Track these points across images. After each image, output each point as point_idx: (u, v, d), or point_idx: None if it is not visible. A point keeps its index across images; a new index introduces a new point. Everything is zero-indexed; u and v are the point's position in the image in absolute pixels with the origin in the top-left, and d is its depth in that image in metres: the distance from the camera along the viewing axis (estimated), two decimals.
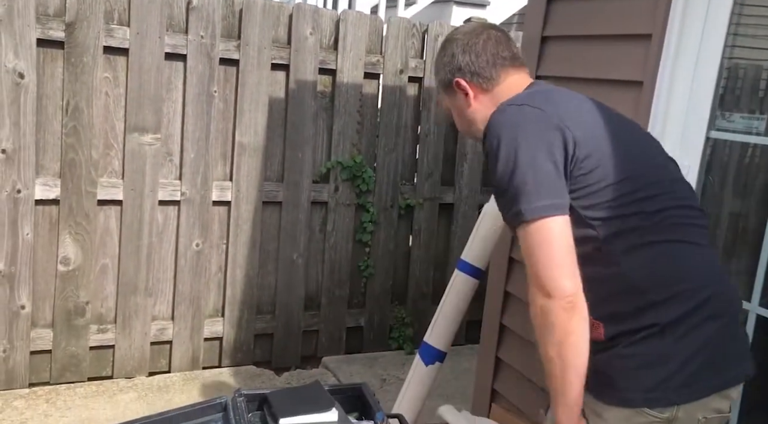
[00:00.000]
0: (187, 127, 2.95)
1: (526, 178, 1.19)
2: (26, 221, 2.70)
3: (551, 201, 1.18)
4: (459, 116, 1.47)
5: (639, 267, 1.23)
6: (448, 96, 1.47)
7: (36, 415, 2.61)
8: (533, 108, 1.26)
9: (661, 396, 1.21)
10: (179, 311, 3.05)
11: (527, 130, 1.23)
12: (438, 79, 1.48)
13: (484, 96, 1.41)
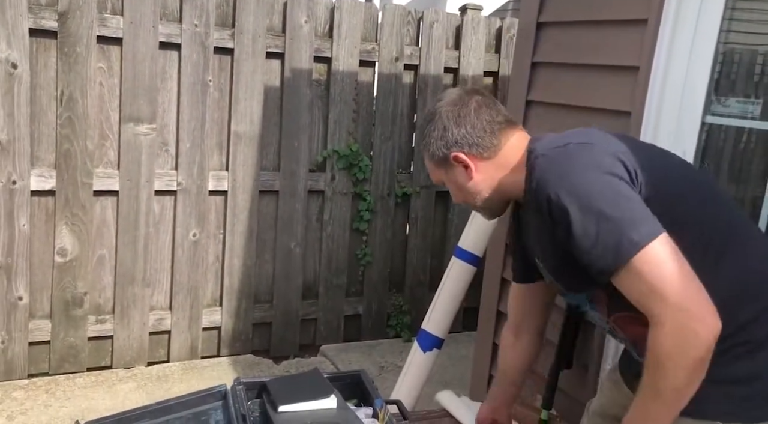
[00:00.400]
0: (183, 117, 2.94)
1: (615, 213, 1.08)
2: (22, 212, 2.70)
3: (650, 221, 1.09)
4: (458, 190, 1.38)
5: (728, 284, 1.16)
6: (443, 170, 1.37)
7: (36, 405, 2.62)
8: (577, 144, 1.18)
9: (741, 413, 1.16)
10: (177, 301, 3.06)
11: (586, 166, 1.13)
12: (428, 153, 1.37)
13: (485, 164, 1.33)
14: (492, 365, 2.25)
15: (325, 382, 1.66)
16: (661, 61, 1.74)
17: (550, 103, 2.11)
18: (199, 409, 1.68)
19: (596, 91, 1.93)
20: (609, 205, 1.09)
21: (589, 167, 1.14)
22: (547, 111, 2.13)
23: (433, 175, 1.42)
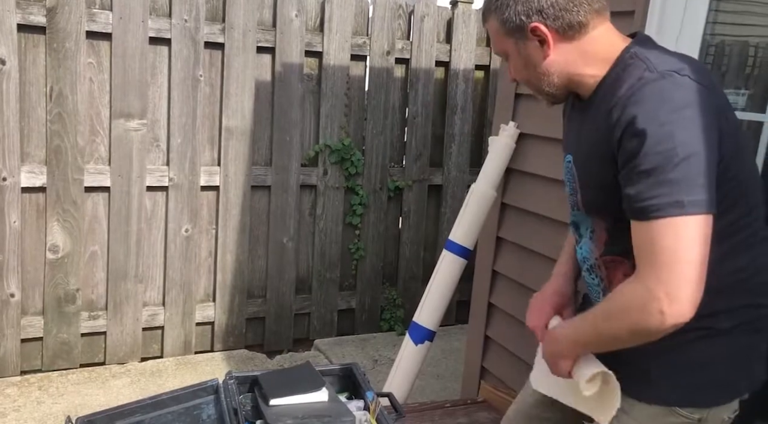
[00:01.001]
0: (174, 112, 2.94)
1: (682, 170, 1.01)
2: (13, 208, 2.69)
3: (708, 194, 1.02)
4: (525, 67, 1.21)
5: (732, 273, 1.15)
6: (513, 40, 1.18)
7: (29, 402, 2.62)
8: (693, 81, 1.06)
9: (699, 398, 1.17)
10: (170, 296, 3.06)
11: (688, 110, 1.03)
12: (500, 17, 1.17)
13: (565, 46, 1.16)
14: (484, 357, 2.26)
15: (316, 375, 1.67)
16: None
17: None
18: (191, 403, 1.69)
19: None
20: (683, 158, 1.01)
21: (690, 115, 1.03)
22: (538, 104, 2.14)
23: (497, 44, 1.22)
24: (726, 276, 1.13)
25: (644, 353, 1.12)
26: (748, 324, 1.18)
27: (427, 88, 3.49)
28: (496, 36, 1.22)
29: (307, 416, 1.51)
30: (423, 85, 3.47)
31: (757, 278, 1.18)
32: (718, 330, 1.16)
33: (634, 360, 1.17)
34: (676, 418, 1.17)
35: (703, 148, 1.02)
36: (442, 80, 3.56)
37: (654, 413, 1.18)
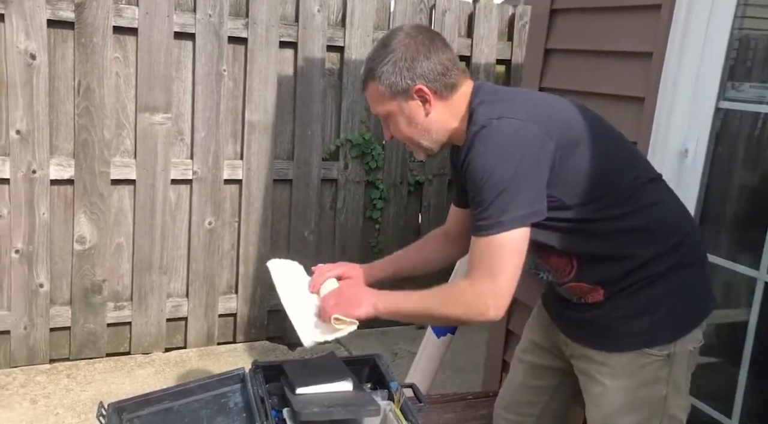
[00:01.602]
0: (198, 106, 2.97)
1: (509, 194, 1.25)
2: (42, 200, 2.75)
3: (525, 209, 1.26)
4: (409, 125, 1.38)
5: (627, 234, 1.35)
6: (396, 102, 1.35)
7: (58, 389, 2.68)
8: (507, 120, 1.28)
9: (659, 336, 1.34)
10: (194, 288, 3.11)
11: (505, 146, 1.27)
12: (385, 82, 1.33)
13: (441, 103, 1.35)
14: (506, 351, 2.27)
15: (341, 365, 1.69)
16: (675, 47, 1.74)
17: (564, 89, 2.11)
18: (218, 392, 1.72)
19: (610, 78, 1.94)
20: (503, 188, 1.25)
21: (509, 151, 1.27)
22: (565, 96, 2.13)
23: (380, 106, 1.38)
24: (634, 237, 1.34)
25: (602, 315, 1.37)
26: (676, 263, 1.35)
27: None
28: (379, 99, 1.38)
29: (333, 404, 1.53)
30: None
31: (660, 228, 1.36)
32: (655, 276, 1.34)
33: (600, 323, 1.38)
34: (647, 358, 1.34)
35: (522, 175, 1.25)
36: None
37: (627, 360, 1.35)
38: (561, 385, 1.60)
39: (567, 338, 1.49)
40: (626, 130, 1.49)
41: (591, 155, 1.32)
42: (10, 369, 2.78)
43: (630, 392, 1.36)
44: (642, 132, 1.78)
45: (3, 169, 2.66)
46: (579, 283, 1.40)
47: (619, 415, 1.37)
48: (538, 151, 1.26)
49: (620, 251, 1.35)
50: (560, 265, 1.40)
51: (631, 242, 1.35)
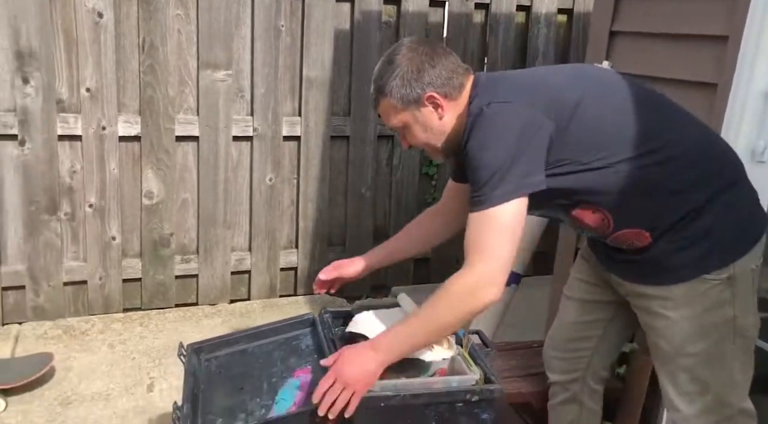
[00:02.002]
0: (257, 63, 3.00)
1: (503, 172, 1.30)
2: (112, 156, 2.85)
3: (517, 181, 1.30)
4: (424, 131, 1.45)
5: (666, 176, 1.36)
6: (410, 112, 1.42)
7: (132, 336, 2.83)
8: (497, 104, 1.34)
9: (715, 261, 1.36)
10: (256, 242, 3.19)
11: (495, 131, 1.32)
12: (396, 96, 1.40)
13: (451, 105, 1.42)
14: None
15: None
16: (753, 30, 1.63)
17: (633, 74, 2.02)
18: (289, 335, 1.79)
19: (680, 61, 1.84)
20: (497, 168, 1.30)
21: (496, 129, 1.33)
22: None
23: (394, 119, 1.45)
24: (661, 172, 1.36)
25: (653, 254, 1.39)
26: (718, 188, 1.37)
27: (508, 34, 3.40)
28: (393, 112, 1.44)
29: None
30: (503, 30, 3.38)
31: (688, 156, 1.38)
32: (700, 208, 1.35)
33: (653, 261, 1.40)
34: (707, 284, 1.36)
35: (513, 151, 1.30)
36: (522, 25, 3.47)
37: (687, 290, 1.37)
38: (615, 318, 1.63)
39: (620, 279, 1.51)
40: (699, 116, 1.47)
41: (596, 111, 1.36)
42: (88, 317, 2.94)
43: (696, 319, 1.38)
44: (714, 119, 1.70)
45: (75, 126, 2.76)
46: (621, 231, 1.41)
47: (689, 343, 1.39)
48: (528, 127, 1.32)
49: (650, 190, 1.36)
50: (596, 221, 1.42)
51: (662, 179, 1.36)
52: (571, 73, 1.50)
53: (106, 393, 2.39)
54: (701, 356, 1.39)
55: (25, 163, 2.72)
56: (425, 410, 1.48)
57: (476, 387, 1.49)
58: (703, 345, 1.39)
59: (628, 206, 1.38)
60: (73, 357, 2.61)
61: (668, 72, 1.88)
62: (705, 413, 1.41)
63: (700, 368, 1.40)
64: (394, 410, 1.46)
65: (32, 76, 2.66)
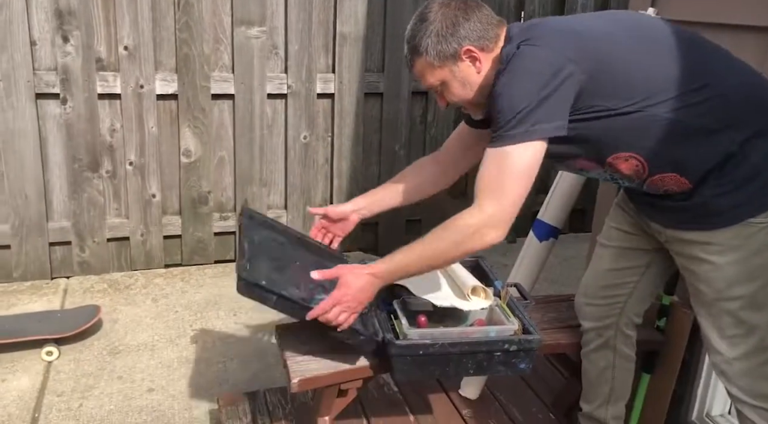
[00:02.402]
0: (290, 19, 2.98)
1: (525, 113, 1.28)
2: (150, 114, 2.89)
3: (536, 122, 1.28)
4: (464, 87, 1.43)
5: (702, 116, 1.33)
6: (447, 68, 1.41)
7: (174, 291, 2.91)
8: (525, 46, 1.32)
9: (761, 203, 1.33)
10: (292, 200, 3.22)
11: (521, 74, 1.30)
12: (432, 53, 1.39)
13: (488, 57, 1.40)
14: None
15: None
16: None
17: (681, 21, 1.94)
18: None
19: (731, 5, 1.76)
20: (520, 109, 1.29)
21: (522, 72, 1.31)
22: None
23: (432, 77, 1.44)
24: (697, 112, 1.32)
25: (695, 200, 1.37)
26: (759, 131, 1.33)
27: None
28: (430, 70, 1.43)
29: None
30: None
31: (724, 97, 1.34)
32: (740, 153, 1.33)
33: (695, 207, 1.38)
34: (753, 227, 1.34)
35: (537, 94, 1.28)
36: None
37: (732, 234, 1.35)
38: (651, 265, 1.62)
39: (659, 226, 1.49)
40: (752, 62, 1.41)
41: (630, 57, 1.34)
42: (131, 272, 3.04)
43: (742, 263, 1.36)
44: None
45: (114, 84, 2.80)
46: (657, 176, 1.39)
47: (733, 287, 1.38)
48: (555, 71, 1.29)
49: (685, 132, 1.33)
50: (630, 168, 1.40)
51: (698, 120, 1.32)
52: (605, 19, 1.46)
53: (152, 344, 2.49)
54: (747, 298, 1.38)
55: (68, 122, 2.78)
56: (463, 358, 1.51)
57: (515, 337, 1.51)
58: (750, 288, 1.37)
59: (662, 150, 1.35)
60: (118, 310, 2.71)
61: (718, 17, 1.80)
62: (749, 355, 1.40)
63: (746, 311, 1.38)
64: (433, 358, 1.49)
65: (72, 34, 2.69)
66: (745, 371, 1.41)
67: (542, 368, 2.19)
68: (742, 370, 1.41)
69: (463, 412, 1.98)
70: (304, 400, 1.95)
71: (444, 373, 1.54)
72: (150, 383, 2.25)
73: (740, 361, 1.41)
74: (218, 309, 2.77)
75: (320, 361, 1.57)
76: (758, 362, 1.40)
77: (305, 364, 1.56)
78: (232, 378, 2.29)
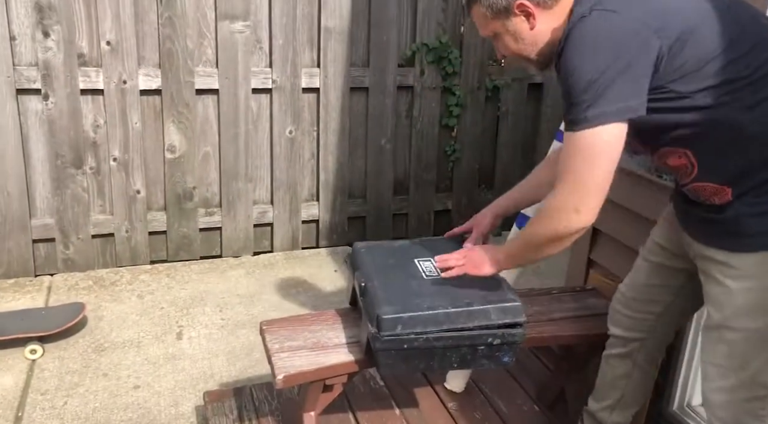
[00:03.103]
0: (275, 13, 2.96)
1: (597, 88, 1.20)
2: (134, 110, 2.87)
3: (614, 104, 1.20)
4: (515, 41, 1.37)
5: (752, 124, 1.24)
6: (500, 21, 1.35)
7: (160, 287, 2.90)
8: (600, 12, 1.22)
9: None
10: (278, 195, 3.22)
11: (594, 43, 1.21)
12: (485, 4, 1.33)
13: (545, 14, 1.31)
14: (591, 249, 2.26)
15: None
16: None
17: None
18: None
19: None
20: (588, 82, 1.20)
21: (596, 40, 1.22)
22: None
23: (485, 27, 1.39)
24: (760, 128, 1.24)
25: (731, 215, 1.28)
26: None
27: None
28: (483, 21, 1.38)
29: None
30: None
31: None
32: None
33: (728, 223, 1.30)
34: None
35: (613, 68, 1.18)
36: None
37: (756, 261, 1.27)
38: (686, 286, 1.55)
39: (690, 237, 1.42)
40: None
41: (709, 42, 1.22)
42: (117, 268, 3.02)
43: (757, 294, 1.28)
44: None
45: (97, 79, 2.78)
46: (703, 183, 1.32)
47: (740, 317, 1.30)
48: (635, 44, 1.19)
49: (744, 144, 1.25)
50: (679, 165, 1.33)
51: (758, 134, 1.24)
52: None
53: (138, 341, 2.48)
54: (750, 332, 1.30)
55: (50, 118, 2.75)
56: (447, 352, 1.51)
57: (498, 331, 1.52)
58: (757, 323, 1.29)
59: (716, 154, 1.27)
60: (104, 307, 2.70)
61: None
62: (737, 388, 1.33)
63: (745, 345, 1.31)
64: (418, 352, 1.50)
65: (52, 29, 2.66)
66: (727, 403, 1.35)
67: (527, 361, 2.21)
68: (726, 401, 1.35)
69: (449, 405, 1.99)
70: (290, 395, 1.96)
71: (429, 367, 1.54)
72: (135, 380, 2.24)
73: (726, 392, 1.34)
74: (204, 305, 2.76)
75: (305, 357, 1.58)
76: (743, 398, 1.33)
77: (290, 360, 1.57)
78: (218, 374, 2.29)
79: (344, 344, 1.64)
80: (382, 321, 1.46)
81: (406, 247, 1.78)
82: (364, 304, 1.57)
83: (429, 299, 1.52)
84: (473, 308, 1.50)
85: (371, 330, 1.48)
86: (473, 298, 1.53)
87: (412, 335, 1.48)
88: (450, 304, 1.50)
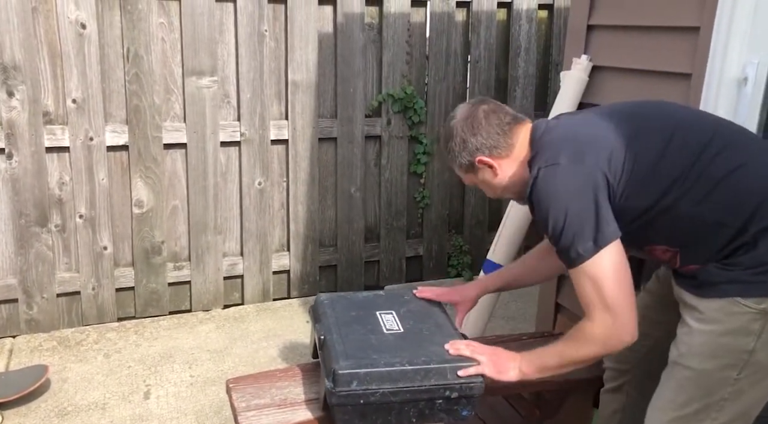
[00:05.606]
0: (242, 68, 3.02)
1: (573, 227, 1.35)
2: (101, 166, 2.86)
3: (601, 230, 1.35)
4: (489, 187, 1.61)
5: (713, 212, 1.36)
6: (472, 174, 1.59)
7: (128, 345, 2.83)
8: (568, 162, 1.39)
9: (757, 288, 1.33)
10: (248, 247, 3.20)
11: (565, 190, 1.38)
12: (457, 164, 1.58)
13: (506, 161, 1.54)
14: (558, 294, 2.29)
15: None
16: (723, 21, 1.66)
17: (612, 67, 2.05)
18: None
19: (655, 53, 1.87)
20: (565, 224, 1.36)
21: (566, 191, 1.38)
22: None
23: (466, 179, 1.63)
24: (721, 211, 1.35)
25: (704, 272, 1.38)
26: (762, 229, 1.34)
27: (490, 31, 3.44)
28: (461, 175, 1.62)
29: None
30: (485, 28, 3.42)
31: (744, 193, 1.35)
32: (746, 244, 1.34)
33: (700, 272, 1.39)
34: (740, 308, 1.34)
35: (579, 207, 1.36)
36: (504, 22, 3.50)
37: (718, 306, 1.36)
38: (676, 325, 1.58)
39: (673, 280, 1.51)
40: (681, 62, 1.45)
41: (646, 160, 1.39)
42: (83, 327, 2.95)
43: (712, 336, 1.36)
44: (697, 61, 1.73)
45: (63, 137, 2.77)
46: (688, 267, 1.43)
47: (692, 356, 1.38)
48: (587, 185, 1.37)
49: (710, 229, 1.37)
50: (665, 256, 1.46)
51: (719, 218, 1.35)
52: (614, 119, 1.48)
53: (103, 403, 2.40)
54: (697, 373, 1.38)
55: (13, 177, 2.73)
56: (404, 406, 1.49)
57: (456, 384, 1.50)
58: (705, 365, 1.37)
59: (692, 243, 1.39)
60: (68, 368, 2.62)
61: (644, 64, 1.91)
62: (674, 421, 1.42)
63: (689, 385, 1.40)
64: (374, 406, 1.47)
65: (17, 89, 2.66)
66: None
67: (500, 408, 2.19)
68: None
69: None
70: None
71: (386, 422, 1.51)
72: None
73: (663, 420, 1.43)
74: (173, 362, 2.70)
75: (272, 415, 1.55)
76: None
77: (257, 419, 1.54)
78: None
79: (313, 400, 1.61)
80: (337, 376, 1.44)
81: (370, 299, 1.78)
82: (322, 357, 1.55)
83: (387, 354, 1.50)
84: (430, 366, 1.49)
85: (327, 385, 1.46)
86: (431, 356, 1.51)
87: (368, 391, 1.46)
88: (407, 361, 1.48)
